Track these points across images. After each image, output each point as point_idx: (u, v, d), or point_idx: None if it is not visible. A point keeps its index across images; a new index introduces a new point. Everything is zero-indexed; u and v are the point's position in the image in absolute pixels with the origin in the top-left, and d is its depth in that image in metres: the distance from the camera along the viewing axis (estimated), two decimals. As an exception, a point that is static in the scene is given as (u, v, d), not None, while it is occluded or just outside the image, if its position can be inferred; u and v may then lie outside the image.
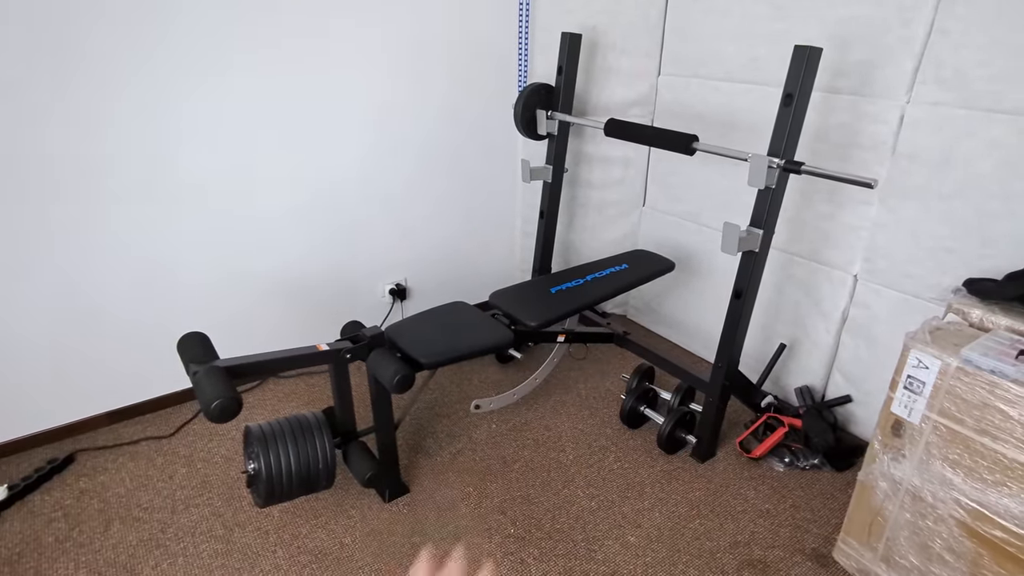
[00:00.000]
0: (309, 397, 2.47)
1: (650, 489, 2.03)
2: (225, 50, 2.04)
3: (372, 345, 1.78)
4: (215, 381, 1.43)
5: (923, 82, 1.85)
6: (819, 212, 2.20)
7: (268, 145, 2.24)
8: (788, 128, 1.72)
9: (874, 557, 1.66)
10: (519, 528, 1.86)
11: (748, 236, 1.83)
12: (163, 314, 2.23)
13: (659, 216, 2.87)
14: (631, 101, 2.70)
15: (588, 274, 2.35)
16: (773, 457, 2.16)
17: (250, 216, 2.29)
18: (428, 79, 2.51)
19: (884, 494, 1.59)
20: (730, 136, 2.41)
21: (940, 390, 1.41)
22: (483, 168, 2.82)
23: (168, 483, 2.01)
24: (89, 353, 2.14)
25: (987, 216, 1.78)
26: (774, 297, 2.42)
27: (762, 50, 2.24)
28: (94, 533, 1.81)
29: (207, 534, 1.82)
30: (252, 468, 1.64)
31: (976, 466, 1.38)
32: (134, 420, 2.30)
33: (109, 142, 1.95)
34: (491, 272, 3.05)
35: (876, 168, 2.00)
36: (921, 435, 1.47)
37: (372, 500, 1.95)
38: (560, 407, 2.44)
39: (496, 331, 1.98)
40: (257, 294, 2.42)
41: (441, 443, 2.22)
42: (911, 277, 1.99)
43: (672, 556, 1.78)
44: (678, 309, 2.89)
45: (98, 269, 2.07)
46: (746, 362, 2.40)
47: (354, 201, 2.52)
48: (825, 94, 2.07)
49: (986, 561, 1.40)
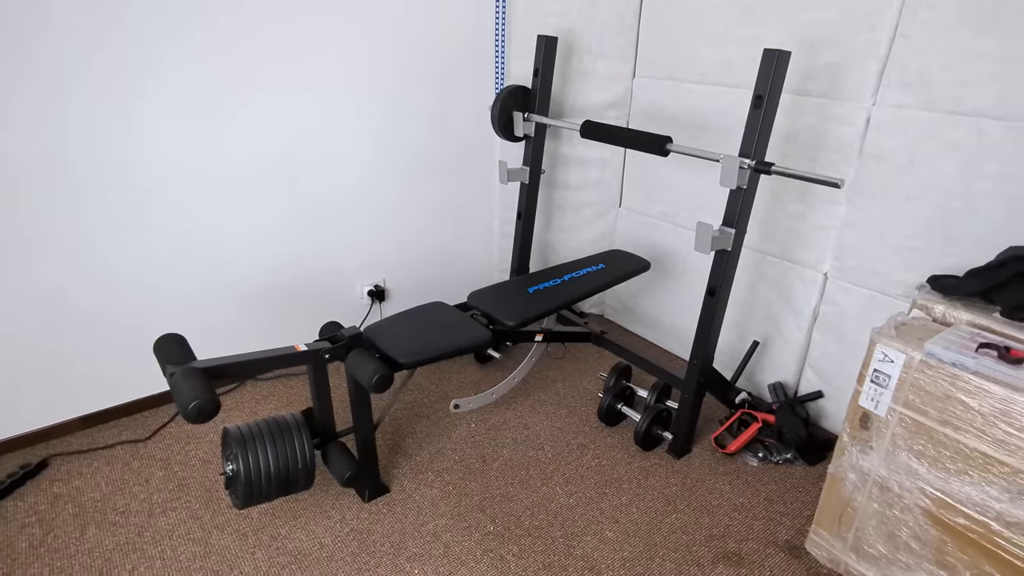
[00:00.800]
0: (288, 399, 2.46)
1: (627, 485, 2.06)
2: (186, 52, 2.03)
3: (350, 345, 1.78)
4: (192, 382, 1.42)
5: (888, 85, 1.91)
6: (790, 212, 2.26)
7: (243, 147, 2.23)
8: (758, 129, 1.76)
9: (844, 547, 1.70)
10: (498, 525, 1.88)
11: (720, 235, 1.87)
12: (138, 317, 2.21)
13: (635, 217, 2.91)
14: (607, 103, 2.74)
15: (565, 274, 2.37)
16: (747, 452, 2.21)
17: (225, 220, 2.28)
18: (405, 82, 2.52)
19: (853, 485, 1.64)
20: (704, 138, 2.46)
21: (905, 383, 1.46)
22: (461, 170, 2.84)
23: (145, 487, 1.99)
24: (62, 357, 2.11)
25: (950, 215, 1.84)
26: (747, 296, 2.47)
27: (734, 53, 2.29)
28: (69, 538, 1.79)
29: (185, 537, 1.80)
30: (231, 469, 1.63)
31: (939, 456, 1.43)
32: (109, 424, 2.27)
33: (72, 142, 1.93)
34: (470, 273, 3.07)
35: (844, 168, 2.05)
36: (887, 427, 1.52)
37: (352, 500, 1.95)
38: (539, 406, 2.47)
39: (474, 330, 1.99)
40: (234, 298, 2.40)
41: (421, 443, 2.23)
42: (878, 275, 2.05)
43: (649, 550, 1.81)
44: (654, 308, 2.93)
45: (71, 272, 2.04)
46: (721, 359, 2.45)
47: (331, 203, 2.51)
48: (795, 96, 2.13)
49: (950, 548, 1.45)
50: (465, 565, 1.74)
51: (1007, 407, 1.28)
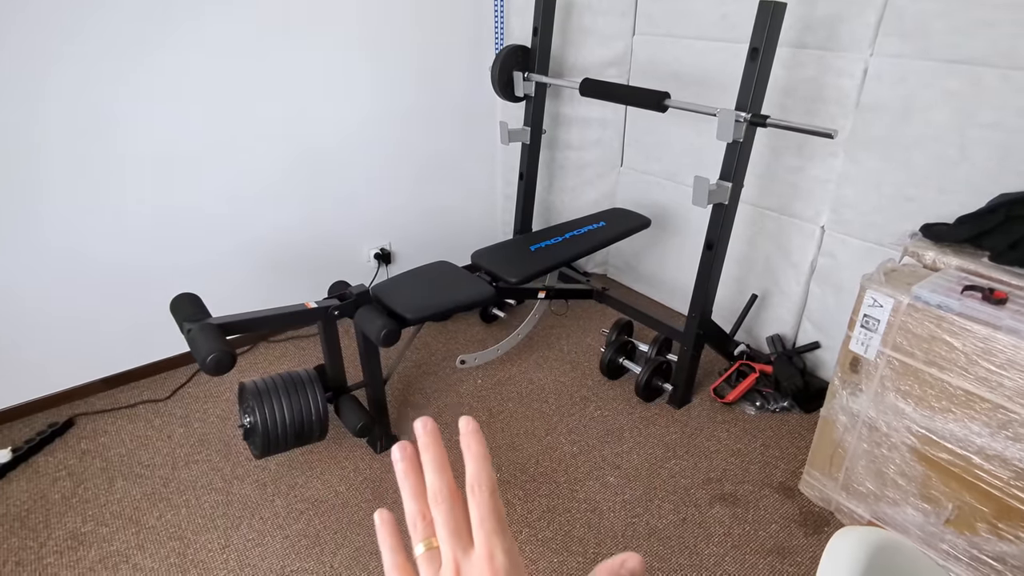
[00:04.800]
0: (300, 359, 2.55)
1: (628, 434, 2.14)
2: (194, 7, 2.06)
3: (358, 302, 1.85)
4: (209, 336, 1.49)
5: (886, 34, 1.91)
6: (788, 166, 2.28)
7: (249, 113, 2.26)
8: (754, 82, 1.78)
9: (835, 486, 1.78)
10: (505, 473, 1.97)
11: (718, 189, 1.90)
12: (153, 281, 2.27)
13: (637, 176, 2.93)
14: (607, 61, 2.74)
15: (566, 232, 2.42)
16: (745, 402, 2.27)
17: (236, 185, 2.33)
18: (405, 44, 2.53)
19: (844, 427, 1.70)
20: (704, 94, 2.46)
21: (893, 326, 1.51)
22: (463, 131, 2.86)
23: (167, 442, 2.09)
24: (83, 320, 2.19)
25: (945, 164, 1.86)
26: (746, 250, 2.51)
27: (732, 7, 2.28)
28: (99, 489, 1.89)
29: (207, 487, 1.90)
30: (248, 421, 1.72)
31: (925, 395, 1.48)
32: (129, 385, 2.37)
33: (95, 105, 1.97)
34: (474, 234, 3.11)
35: (841, 121, 2.07)
36: (876, 370, 1.58)
37: (364, 452, 2.04)
38: (543, 362, 2.54)
39: (478, 287, 2.05)
40: (244, 262, 2.46)
41: (429, 398, 2.31)
42: (874, 226, 2.08)
43: (648, 493, 1.90)
44: (656, 266, 2.98)
45: (86, 235, 2.10)
46: (721, 314, 2.49)
47: (336, 167, 2.55)
48: (793, 49, 2.13)
49: (934, 482, 1.52)
50: (473, 509, 1.83)
51: (989, 345, 1.33)
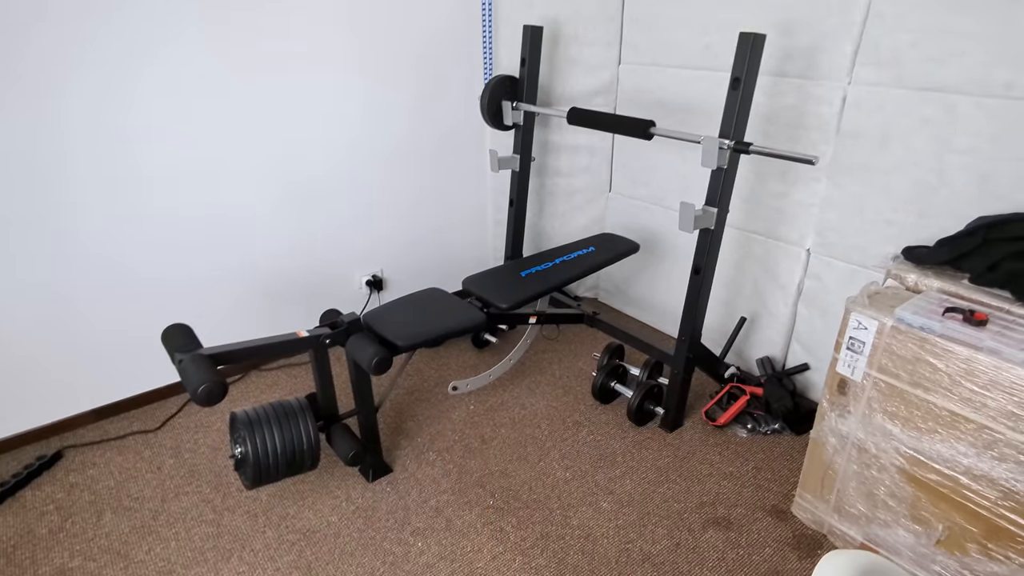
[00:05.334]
0: (291, 387, 2.54)
1: (621, 459, 2.14)
2: (184, 41, 2.09)
3: (350, 330, 1.85)
4: (200, 367, 1.50)
5: (863, 64, 1.97)
6: (773, 191, 2.32)
7: (239, 141, 2.29)
8: (737, 110, 1.82)
9: (827, 508, 1.78)
10: (498, 500, 1.96)
11: (703, 214, 1.93)
12: (143, 313, 2.27)
13: (625, 201, 2.97)
14: (594, 90, 2.80)
15: (557, 257, 2.44)
16: (737, 424, 2.28)
17: (225, 213, 2.35)
18: (397, 73, 2.58)
19: (833, 449, 1.72)
20: (688, 121, 2.52)
21: (878, 348, 1.53)
22: (453, 159, 2.90)
23: (157, 474, 2.07)
24: (72, 352, 2.18)
25: (924, 188, 1.90)
26: (734, 274, 2.54)
27: (714, 37, 2.35)
28: (87, 523, 1.87)
29: (198, 519, 1.88)
30: (239, 452, 1.71)
31: (911, 416, 1.50)
32: (120, 416, 2.35)
33: (65, 133, 1.99)
34: (465, 259, 3.13)
35: (823, 147, 2.12)
36: (863, 391, 1.60)
37: (356, 480, 2.03)
38: (535, 386, 2.54)
39: (469, 313, 2.07)
40: (236, 291, 2.47)
41: (421, 425, 2.31)
42: (858, 248, 2.12)
43: (642, 518, 1.89)
44: (646, 289, 3.01)
45: (74, 269, 2.11)
46: (711, 336, 2.52)
47: (327, 195, 2.58)
48: (774, 78, 2.19)
49: (923, 503, 1.53)
50: (467, 537, 1.82)
51: (971, 366, 1.35)
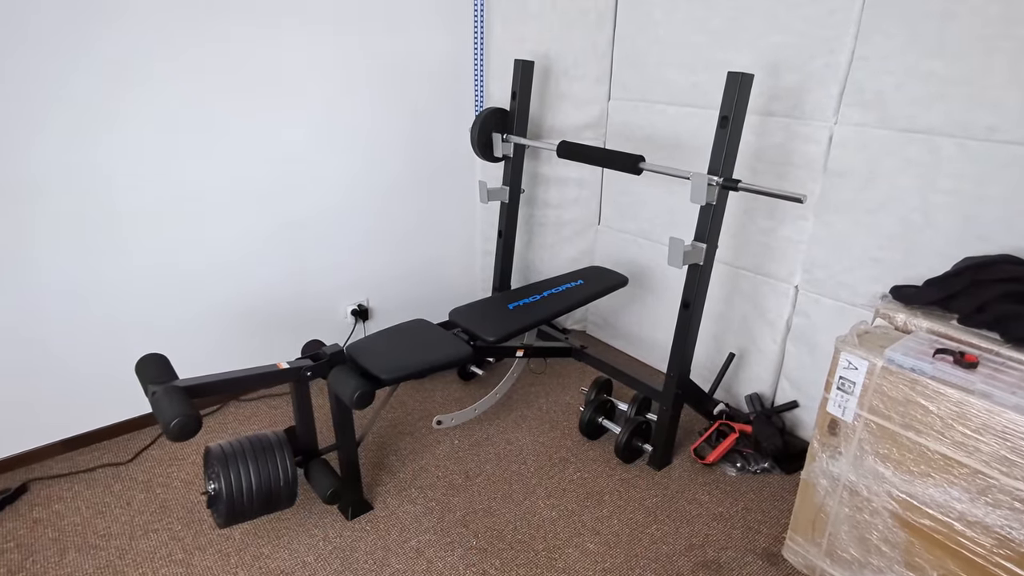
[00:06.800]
0: (271, 419, 2.47)
1: (609, 497, 2.09)
2: (166, 76, 2.08)
3: (332, 362, 1.81)
4: (174, 400, 1.44)
5: (848, 105, 2.00)
6: (761, 228, 2.33)
7: (225, 171, 2.27)
8: (725, 148, 1.83)
9: (819, 552, 1.74)
10: (481, 540, 1.90)
11: (692, 250, 1.93)
12: (118, 340, 2.21)
13: (614, 234, 2.97)
14: (584, 124, 2.81)
15: (545, 290, 2.42)
16: (726, 462, 2.25)
17: (207, 243, 2.31)
18: (387, 105, 2.58)
19: (825, 491, 1.68)
20: (676, 157, 2.54)
21: (869, 389, 1.52)
22: (443, 189, 2.89)
23: (126, 509, 1.98)
24: (40, 381, 2.11)
25: (910, 228, 1.91)
26: (723, 309, 2.53)
27: (703, 76, 2.38)
28: (48, 563, 1.78)
29: (167, 559, 1.80)
30: (212, 488, 1.65)
31: (904, 459, 1.48)
32: (90, 448, 2.27)
33: (49, 164, 1.96)
34: (453, 291, 3.11)
35: (811, 185, 2.13)
36: (854, 432, 1.57)
37: (335, 518, 1.96)
38: (521, 421, 2.49)
39: (455, 346, 2.03)
40: (217, 321, 2.42)
41: (404, 460, 2.25)
42: (846, 286, 2.12)
43: (630, 561, 1.84)
44: (634, 323, 2.99)
45: (49, 296, 2.05)
46: (699, 372, 2.50)
47: (314, 224, 2.55)
48: (762, 117, 2.21)
49: (917, 549, 1.49)
50: (448, 580, 1.76)
51: (963, 409, 1.33)
